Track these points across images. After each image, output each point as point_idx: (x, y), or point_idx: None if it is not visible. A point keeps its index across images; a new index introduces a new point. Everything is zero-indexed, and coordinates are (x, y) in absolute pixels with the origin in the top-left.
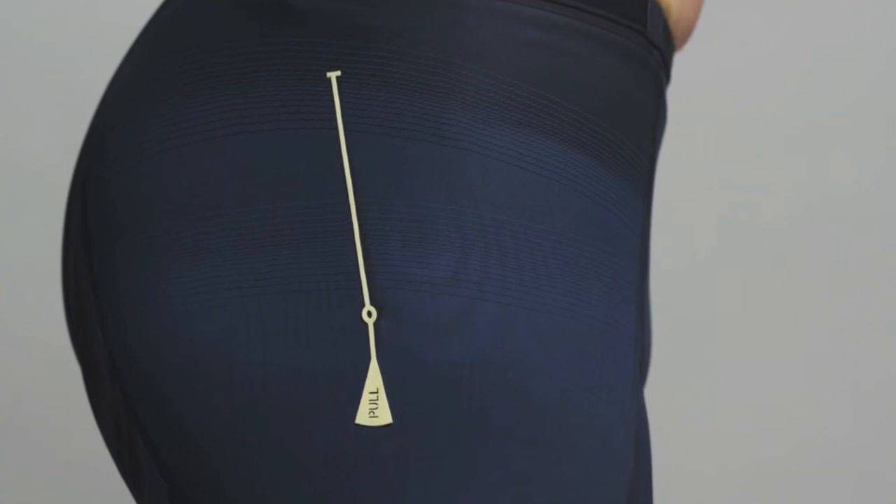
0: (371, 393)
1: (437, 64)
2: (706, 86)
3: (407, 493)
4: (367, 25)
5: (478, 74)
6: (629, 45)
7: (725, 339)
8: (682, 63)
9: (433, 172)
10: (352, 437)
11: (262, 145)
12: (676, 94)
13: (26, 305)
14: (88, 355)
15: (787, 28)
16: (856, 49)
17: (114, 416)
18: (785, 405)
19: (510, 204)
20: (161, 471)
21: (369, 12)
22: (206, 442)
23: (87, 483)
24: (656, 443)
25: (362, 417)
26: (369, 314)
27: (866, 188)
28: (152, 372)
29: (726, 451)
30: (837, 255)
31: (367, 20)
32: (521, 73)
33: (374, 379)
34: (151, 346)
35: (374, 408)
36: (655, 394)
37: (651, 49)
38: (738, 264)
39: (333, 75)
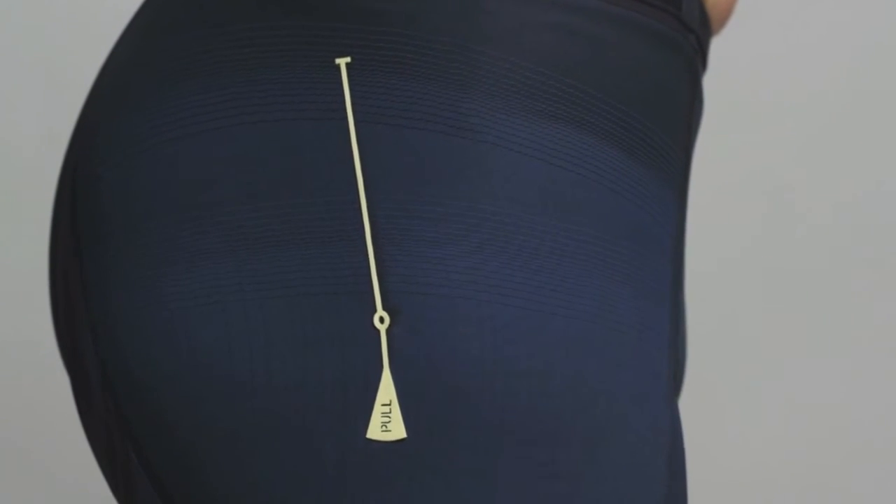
0: (383, 405)
1: (455, 50)
2: (746, 73)
3: None
4: (380, 9)
5: (498, 61)
6: (662, 28)
7: (766, 345)
8: (720, 48)
9: (450, 167)
10: (362, 453)
11: (266, 137)
12: (714, 82)
13: (10, 310)
14: (78, 364)
15: (835, 9)
16: None
17: (105, 429)
18: (832, 414)
19: (534, 201)
20: (157, 489)
21: None
22: (206, 457)
23: (75, 501)
24: (691, 457)
25: (374, 431)
26: (381, 320)
27: None
28: (147, 381)
29: (768, 465)
30: (887, 253)
31: (380, 3)
32: (545, 59)
33: (386, 390)
34: (146, 353)
35: (387, 421)
36: (690, 404)
37: (686, 33)
38: (780, 265)
39: (343, 62)
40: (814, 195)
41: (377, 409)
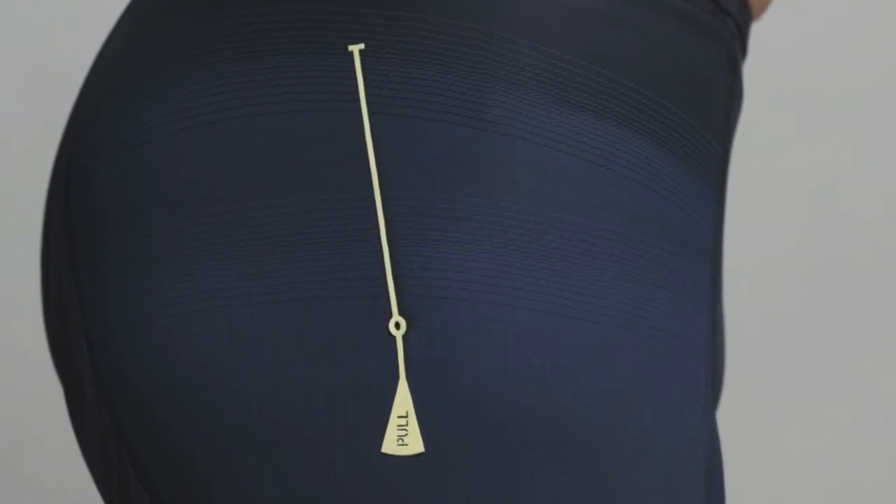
0: (399, 417)
1: (476, 36)
2: (788, 61)
3: None
4: None
5: (522, 48)
6: (698, 13)
7: (811, 353)
8: (761, 34)
9: (471, 162)
10: (376, 468)
11: (273, 130)
12: (754, 71)
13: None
14: (72, 373)
15: None
16: None
17: (101, 442)
18: (884, 427)
19: (560, 198)
20: None
21: None
22: (208, 473)
23: None
24: (730, 474)
25: (389, 445)
26: (397, 326)
27: None
28: (145, 391)
29: (814, 484)
30: None
31: None
32: (573, 46)
33: (402, 401)
34: (145, 361)
35: (403, 434)
36: (730, 416)
37: (724, 18)
38: (824, 267)
39: (356, 48)
40: (860, 192)
41: (393, 422)
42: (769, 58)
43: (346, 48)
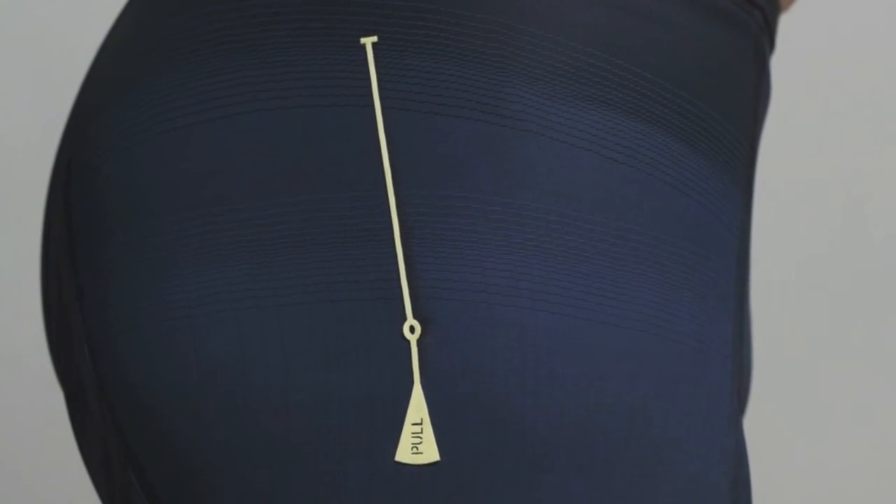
0: (414, 424)
1: (494, 28)
2: (819, 54)
3: None
4: None
5: (542, 41)
6: (725, 4)
7: (841, 361)
8: (790, 27)
9: (488, 158)
10: (390, 478)
11: (283, 126)
12: (782, 65)
13: None
14: (73, 378)
15: None
16: None
17: (103, 449)
18: None
19: (581, 196)
20: None
21: None
22: (214, 481)
23: None
24: (758, 485)
25: (403, 454)
26: (412, 329)
27: None
28: (150, 398)
29: (844, 495)
30: None
31: None
32: (595, 39)
33: (417, 407)
34: (148, 365)
35: (418, 442)
36: (757, 425)
37: (751, 9)
38: (856, 269)
39: (369, 41)
40: (893, 191)
41: (407, 429)
42: (798, 52)
43: (359, 41)
